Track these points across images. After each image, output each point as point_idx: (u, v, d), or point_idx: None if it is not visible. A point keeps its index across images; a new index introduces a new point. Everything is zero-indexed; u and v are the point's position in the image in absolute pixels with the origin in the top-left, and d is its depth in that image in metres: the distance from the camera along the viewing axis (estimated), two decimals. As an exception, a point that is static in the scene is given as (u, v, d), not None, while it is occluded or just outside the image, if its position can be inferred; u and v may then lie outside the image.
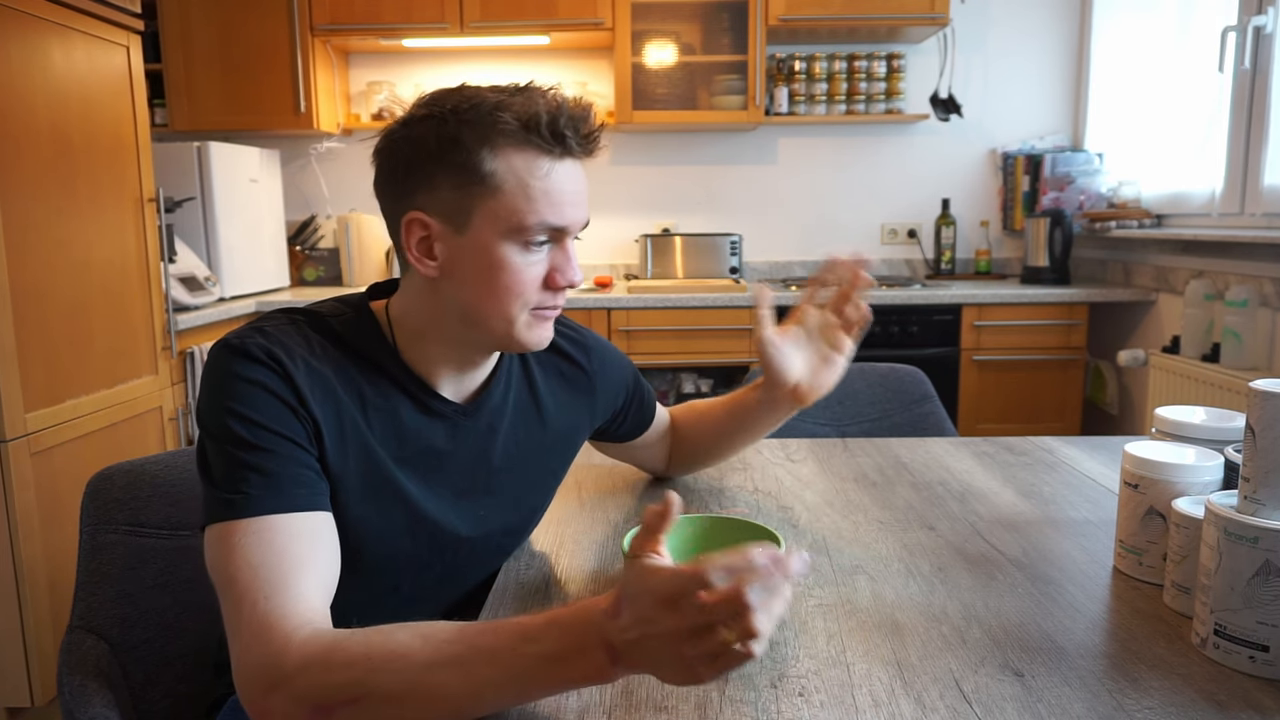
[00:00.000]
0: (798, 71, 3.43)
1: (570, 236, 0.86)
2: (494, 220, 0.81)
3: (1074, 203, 3.32)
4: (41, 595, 1.96)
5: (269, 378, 0.79)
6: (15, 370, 1.90)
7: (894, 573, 0.96)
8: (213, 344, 0.82)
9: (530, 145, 0.81)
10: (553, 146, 0.81)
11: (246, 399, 0.77)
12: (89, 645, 0.95)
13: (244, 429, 0.76)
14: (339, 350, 0.86)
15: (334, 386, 0.83)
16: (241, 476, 0.74)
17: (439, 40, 3.33)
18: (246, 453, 0.75)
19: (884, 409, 1.86)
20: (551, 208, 0.82)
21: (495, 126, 0.80)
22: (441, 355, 0.89)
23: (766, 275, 3.63)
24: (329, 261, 3.57)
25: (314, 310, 0.89)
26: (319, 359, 0.83)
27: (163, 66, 3.15)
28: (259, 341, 0.80)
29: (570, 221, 0.84)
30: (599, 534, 1.09)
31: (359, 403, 0.85)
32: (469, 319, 0.85)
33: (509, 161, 0.80)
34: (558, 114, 0.80)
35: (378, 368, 0.87)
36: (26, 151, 1.95)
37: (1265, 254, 2.38)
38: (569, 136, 0.81)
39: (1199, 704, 0.70)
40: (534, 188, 0.81)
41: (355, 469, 0.84)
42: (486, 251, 0.82)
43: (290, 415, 0.79)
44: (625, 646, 0.61)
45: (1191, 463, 0.90)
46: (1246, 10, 2.45)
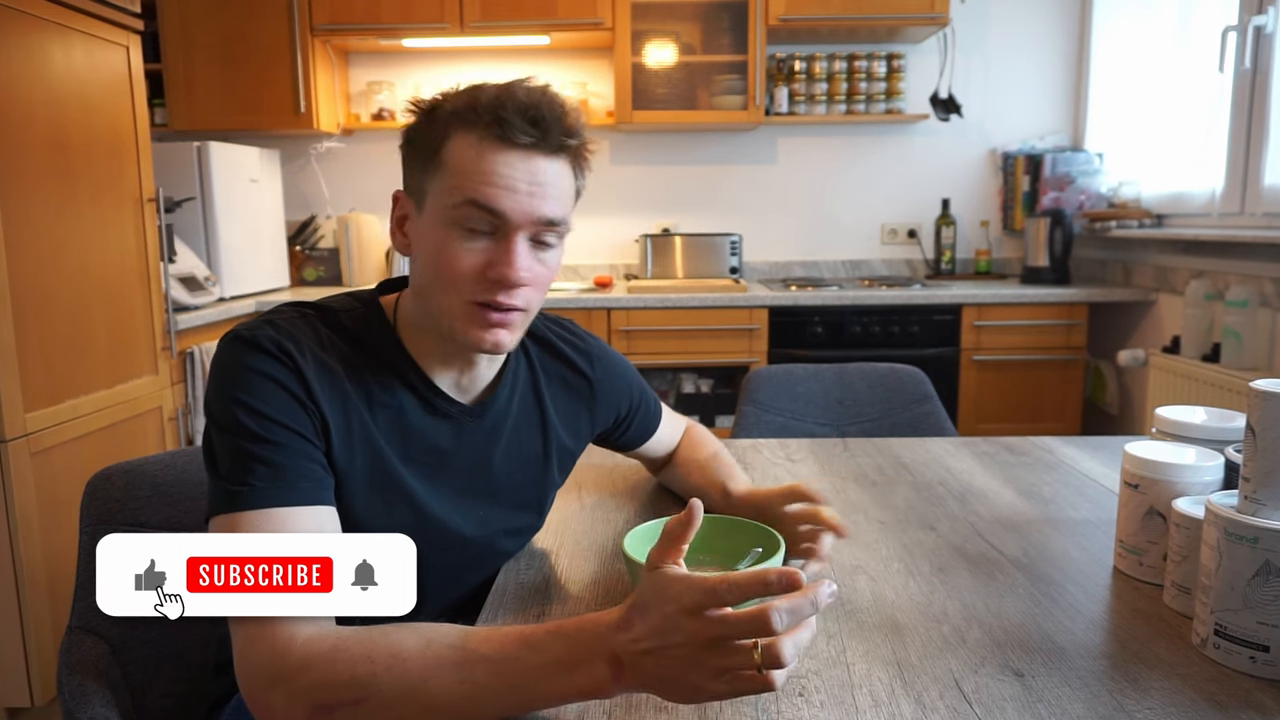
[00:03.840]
0: (798, 71, 3.43)
1: (516, 230, 0.82)
2: (438, 199, 0.82)
3: (1074, 203, 3.32)
4: (41, 595, 1.96)
5: (278, 370, 0.79)
6: (15, 370, 1.89)
7: (894, 573, 0.96)
8: (223, 335, 0.83)
9: (472, 125, 0.81)
10: (491, 127, 0.80)
11: (255, 390, 0.77)
12: (89, 645, 0.95)
13: (252, 421, 0.76)
14: (348, 346, 0.86)
15: (342, 382, 0.83)
16: (247, 468, 0.74)
17: (439, 40, 3.33)
18: (253, 444, 0.75)
19: (884, 409, 1.86)
20: (481, 187, 0.80)
21: (451, 109, 0.82)
22: (436, 349, 0.89)
23: (766, 275, 3.63)
24: (329, 261, 3.57)
25: (324, 304, 0.89)
26: (328, 353, 0.84)
27: (163, 66, 3.15)
28: (269, 333, 0.80)
29: (505, 208, 0.80)
30: (599, 535, 1.09)
31: (366, 400, 0.85)
32: (422, 304, 0.87)
33: (455, 141, 0.82)
34: (504, 98, 0.80)
35: (386, 364, 0.87)
36: (26, 151, 1.95)
37: (1265, 254, 2.38)
38: (509, 120, 0.79)
39: (1199, 704, 0.70)
40: (467, 168, 0.80)
41: (361, 465, 0.84)
42: (432, 232, 0.83)
43: (298, 408, 0.79)
44: (633, 659, 0.60)
45: (1192, 463, 0.89)
46: (1246, 10, 2.45)
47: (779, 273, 3.65)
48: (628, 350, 3.01)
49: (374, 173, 3.56)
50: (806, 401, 1.87)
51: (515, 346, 0.89)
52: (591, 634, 0.63)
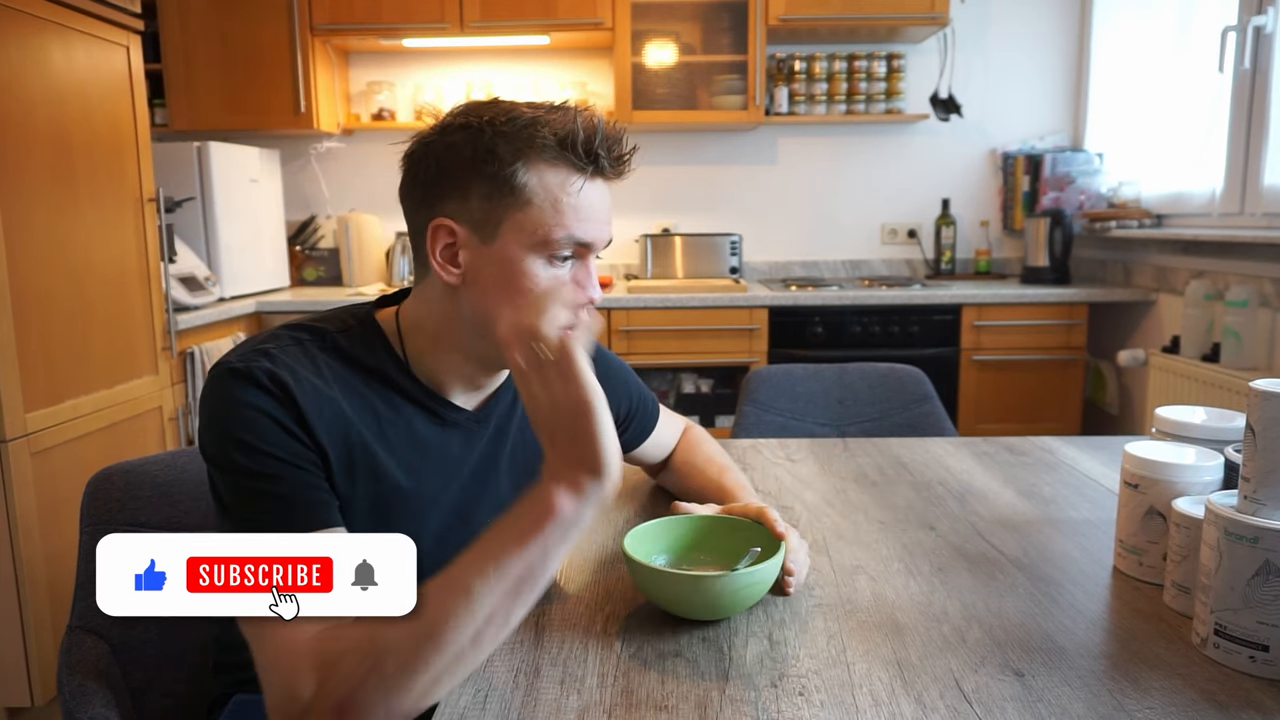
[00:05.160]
0: (798, 71, 3.43)
1: (593, 254, 0.87)
2: (521, 232, 0.82)
3: (1074, 203, 3.32)
4: (41, 595, 1.96)
5: (272, 406, 0.77)
6: (15, 370, 1.89)
7: (894, 573, 0.96)
8: (213, 366, 0.81)
9: (564, 162, 0.82)
10: (585, 165, 0.83)
11: (251, 427, 0.76)
12: (89, 645, 0.95)
13: (250, 459, 0.75)
14: (347, 368, 0.85)
15: (342, 410, 0.82)
16: (254, 504, 0.75)
17: (439, 40, 3.33)
18: (257, 481, 0.75)
19: (884, 409, 1.86)
20: (579, 224, 0.83)
21: (532, 141, 0.81)
22: (453, 366, 0.89)
23: (766, 275, 3.63)
24: (329, 261, 3.57)
25: (319, 327, 0.87)
26: (326, 382, 0.82)
27: (163, 66, 3.15)
28: (263, 365, 0.78)
29: (595, 238, 0.85)
30: (600, 535, 1.09)
31: (374, 420, 0.84)
32: (483, 329, 0.85)
33: (541, 176, 0.81)
34: (593, 134, 0.82)
35: (388, 382, 0.86)
36: (26, 152, 1.95)
37: (1265, 254, 2.38)
38: (602, 156, 0.83)
39: (1199, 704, 0.70)
40: (564, 203, 0.82)
41: (363, 494, 0.83)
42: (511, 263, 0.82)
43: (295, 442, 0.78)
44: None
45: (1192, 463, 0.90)
46: (1246, 10, 2.45)
47: (779, 273, 3.65)
48: (628, 350, 3.01)
49: (374, 173, 3.56)
50: (806, 401, 1.87)
51: None
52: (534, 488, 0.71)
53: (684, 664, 0.78)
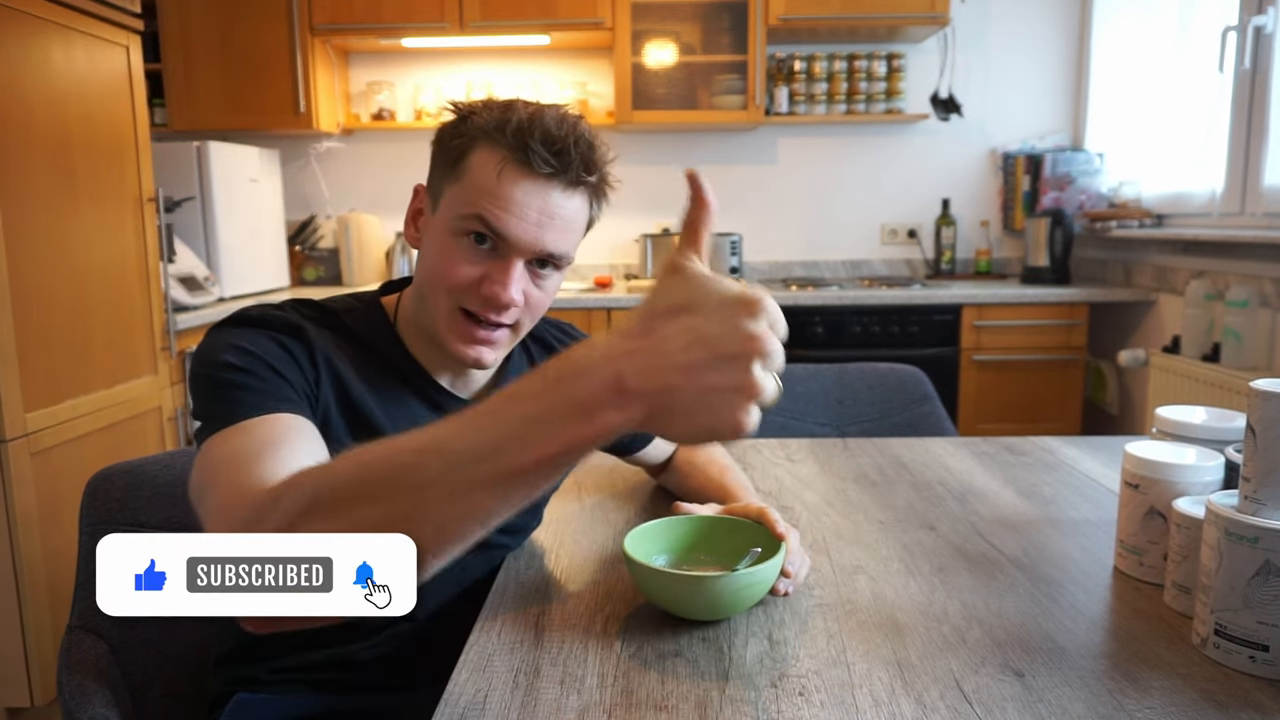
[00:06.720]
0: (798, 71, 3.43)
1: (516, 255, 0.83)
2: (451, 205, 0.84)
3: (1074, 203, 3.31)
4: (41, 595, 1.96)
5: (283, 338, 0.79)
6: (15, 370, 1.89)
7: (894, 573, 0.96)
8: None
9: (498, 144, 0.83)
10: (515, 151, 0.82)
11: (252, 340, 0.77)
12: (89, 645, 0.95)
13: (237, 358, 0.75)
14: (352, 346, 0.87)
15: (349, 374, 0.84)
16: (226, 395, 0.73)
17: (439, 40, 3.32)
18: (234, 374, 0.74)
19: (884, 409, 1.86)
20: (494, 210, 0.82)
21: (486, 125, 0.83)
22: (432, 349, 0.90)
23: (767, 275, 3.63)
24: (329, 261, 3.56)
25: (325, 305, 0.89)
26: (335, 354, 0.84)
27: (163, 66, 3.15)
28: (275, 313, 0.81)
29: (511, 233, 0.82)
30: (599, 535, 1.09)
31: (376, 396, 0.86)
32: (420, 301, 0.88)
33: (478, 155, 0.84)
34: (528, 124, 0.82)
35: (389, 365, 0.88)
36: (26, 151, 1.95)
37: (1265, 254, 2.38)
38: (532, 148, 0.81)
39: (1199, 704, 0.70)
40: (485, 184, 0.82)
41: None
42: (439, 234, 0.86)
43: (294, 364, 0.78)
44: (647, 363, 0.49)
45: (1192, 463, 0.89)
46: (1246, 10, 2.45)
47: (779, 272, 3.65)
48: (628, 350, 3.01)
49: (374, 173, 3.56)
50: (806, 401, 1.87)
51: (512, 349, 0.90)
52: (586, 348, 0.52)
53: (684, 664, 0.78)
